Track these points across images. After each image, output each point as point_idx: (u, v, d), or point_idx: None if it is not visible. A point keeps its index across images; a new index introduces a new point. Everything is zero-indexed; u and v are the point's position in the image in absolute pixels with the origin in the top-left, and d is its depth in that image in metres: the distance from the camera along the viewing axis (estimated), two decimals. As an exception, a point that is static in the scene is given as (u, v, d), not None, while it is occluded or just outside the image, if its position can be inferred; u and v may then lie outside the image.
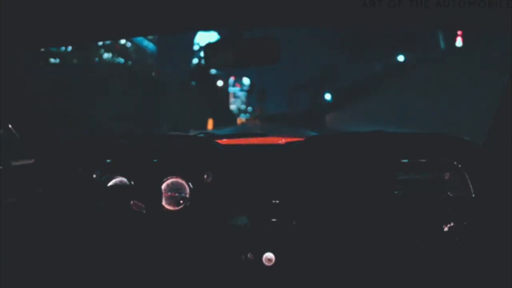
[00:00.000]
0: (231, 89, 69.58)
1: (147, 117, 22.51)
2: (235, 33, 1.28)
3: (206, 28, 1.35)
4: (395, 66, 20.90)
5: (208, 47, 1.32)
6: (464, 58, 11.42)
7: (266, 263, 1.32)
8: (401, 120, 13.26)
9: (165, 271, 1.39)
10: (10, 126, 1.40)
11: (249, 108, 70.91)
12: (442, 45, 14.54)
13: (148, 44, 46.53)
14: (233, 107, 69.06)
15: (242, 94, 71.01)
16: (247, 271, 1.34)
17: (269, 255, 1.32)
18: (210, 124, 34.32)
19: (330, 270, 1.34)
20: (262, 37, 1.29)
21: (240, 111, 69.85)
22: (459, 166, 1.36)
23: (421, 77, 14.43)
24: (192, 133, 2.55)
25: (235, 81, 70.47)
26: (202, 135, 1.86)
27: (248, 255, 1.33)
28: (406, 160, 1.40)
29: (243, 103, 70.95)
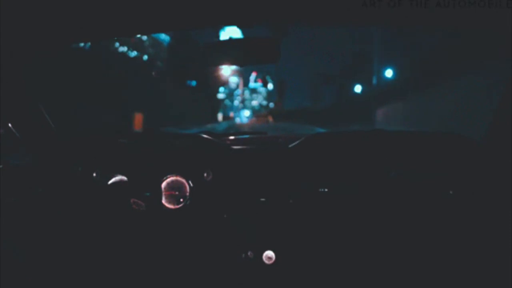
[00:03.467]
0: (252, 85, 68.22)
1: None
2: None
3: (206, 27, 1.35)
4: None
5: (208, 46, 1.32)
6: None
7: (266, 261, 1.32)
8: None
9: (165, 270, 1.40)
10: (10, 125, 1.40)
11: (271, 104, 67.83)
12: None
13: (165, 38, 42.90)
14: (254, 103, 67.76)
15: (263, 90, 69.04)
16: (247, 269, 1.34)
17: (269, 253, 1.33)
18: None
19: (330, 268, 1.35)
20: (262, 37, 1.30)
21: (261, 107, 67.93)
22: (459, 165, 1.36)
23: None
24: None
25: (256, 77, 68.81)
26: (202, 133, 1.86)
27: (248, 254, 1.34)
28: (406, 159, 1.40)
29: (264, 99, 69.19)
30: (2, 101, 1.37)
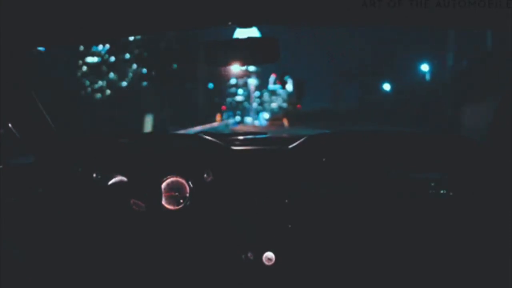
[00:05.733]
0: (271, 87, 67.01)
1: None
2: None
3: (206, 27, 1.35)
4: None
5: (208, 45, 1.32)
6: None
7: (266, 263, 1.32)
8: None
9: (165, 271, 1.40)
10: (10, 125, 1.40)
11: (291, 107, 63.31)
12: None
13: None
14: (274, 105, 66.58)
15: (283, 92, 67.18)
16: (247, 270, 1.34)
17: (269, 254, 1.33)
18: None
19: (330, 269, 1.35)
20: (262, 37, 1.29)
21: (281, 109, 65.95)
22: (460, 165, 1.36)
23: None
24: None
25: (276, 79, 67.30)
26: (201, 134, 1.86)
27: (248, 255, 1.34)
28: (406, 159, 1.40)
29: (284, 101, 67.60)
30: (2, 101, 1.37)
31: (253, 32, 1.34)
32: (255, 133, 2.03)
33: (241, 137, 1.75)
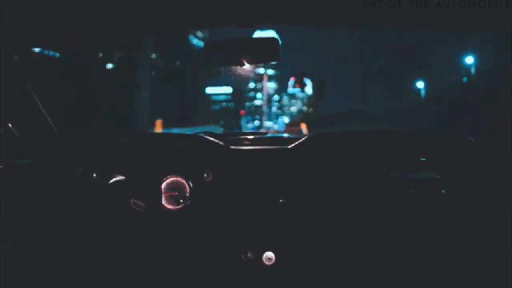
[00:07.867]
0: (291, 91, 65.66)
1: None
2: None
3: (206, 27, 1.35)
4: None
5: (208, 45, 1.32)
6: None
7: (266, 262, 1.32)
8: None
9: (165, 271, 1.40)
10: (10, 126, 1.40)
11: (310, 110, 60.63)
12: None
13: (198, 42, 40.20)
14: (293, 109, 65.00)
15: (303, 95, 63.53)
16: (247, 270, 1.34)
17: (269, 254, 1.33)
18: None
19: (330, 269, 1.35)
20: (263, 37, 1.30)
21: (301, 112, 61.79)
22: (459, 165, 1.36)
23: None
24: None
25: (295, 82, 65.67)
26: (202, 134, 1.86)
27: (248, 254, 1.34)
28: (406, 159, 1.40)
29: (304, 104, 63.52)
30: (2, 101, 1.37)
31: (271, 34, 1.34)
32: (255, 133, 2.04)
33: (241, 137, 1.75)
